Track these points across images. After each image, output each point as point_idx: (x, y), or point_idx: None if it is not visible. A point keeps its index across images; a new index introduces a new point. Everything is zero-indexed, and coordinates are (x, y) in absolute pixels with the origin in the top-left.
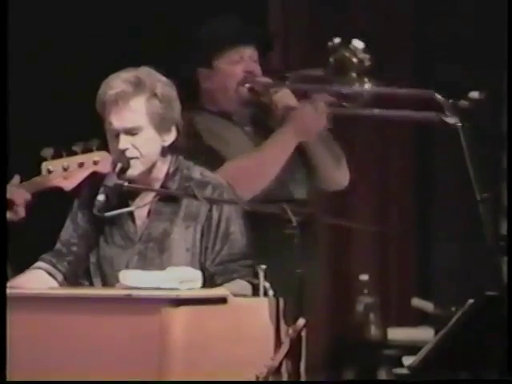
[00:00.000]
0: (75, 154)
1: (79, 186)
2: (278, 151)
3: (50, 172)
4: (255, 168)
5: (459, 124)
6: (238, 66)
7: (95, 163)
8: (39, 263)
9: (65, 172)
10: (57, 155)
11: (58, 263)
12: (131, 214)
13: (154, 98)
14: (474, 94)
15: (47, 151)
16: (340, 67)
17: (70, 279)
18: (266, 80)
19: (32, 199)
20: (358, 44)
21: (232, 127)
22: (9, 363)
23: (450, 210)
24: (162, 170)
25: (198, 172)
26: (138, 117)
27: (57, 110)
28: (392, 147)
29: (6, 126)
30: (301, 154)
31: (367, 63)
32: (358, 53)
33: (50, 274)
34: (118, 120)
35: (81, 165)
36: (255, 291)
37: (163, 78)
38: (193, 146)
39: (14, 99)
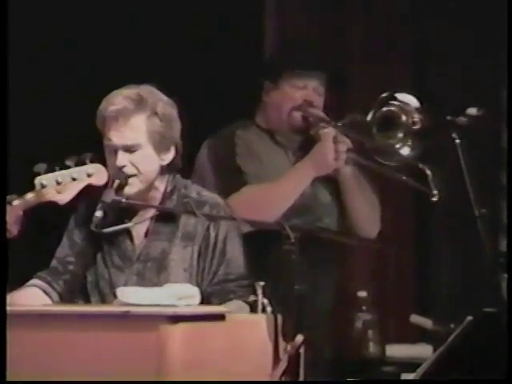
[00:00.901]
0: (69, 168)
1: (74, 199)
2: (294, 184)
3: (43, 186)
4: (270, 197)
5: (458, 140)
6: (299, 91)
7: (89, 176)
8: (35, 281)
9: (58, 186)
10: (50, 170)
11: (54, 282)
12: (129, 233)
13: (155, 117)
14: (472, 111)
15: (40, 166)
16: (386, 122)
17: (66, 298)
18: (319, 114)
19: (25, 216)
20: (411, 101)
21: (274, 147)
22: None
23: (448, 226)
24: (159, 189)
25: (194, 191)
26: (138, 134)
27: (52, 126)
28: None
29: (5, 142)
30: (337, 198)
31: (418, 126)
32: (411, 111)
33: (45, 292)
34: (117, 136)
35: (74, 178)
36: (253, 309)
37: (165, 98)
38: (221, 163)
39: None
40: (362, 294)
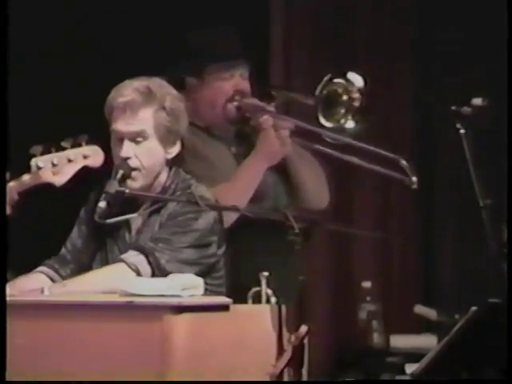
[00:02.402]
0: (65, 149)
1: (70, 181)
2: (248, 180)
3: (39, 168)
4: (228, 198)
5: (462, 131)
6: (228, 82)
7: (85, 158)
8: (42, 268)
9: (54, 168)
10: (46, 151)
11: (61, 269)
12: (129, 225)
13: (162, 111)
14: (477, 101)
15: (36, 148)
16: (329, 101)
17: None
18: (255, 101)
19: (20, 197)
20: (356, 81)
21: (217, 144)
22: (8, 373)
23: (452, 216)
24: (161, 182)
25: (190, 185)
26: (144, 127)
27: (48, 108)
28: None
29: (5, 125)
30: (283, 174)
31: (357, 104)
32: (352, 90)
33: (51, 279)
34: (123, 126)
35: (70, 160)
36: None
37: (174, 92)
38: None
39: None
40: (367, 284)
